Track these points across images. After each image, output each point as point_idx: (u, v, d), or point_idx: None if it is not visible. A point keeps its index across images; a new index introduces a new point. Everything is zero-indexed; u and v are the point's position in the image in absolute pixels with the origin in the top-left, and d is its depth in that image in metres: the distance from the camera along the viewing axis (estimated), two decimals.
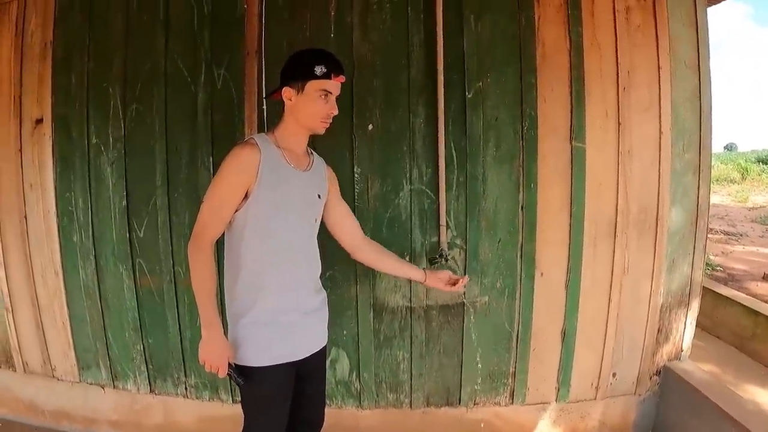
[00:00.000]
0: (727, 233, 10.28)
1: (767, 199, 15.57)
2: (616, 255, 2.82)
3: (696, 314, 3.03)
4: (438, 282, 2.35)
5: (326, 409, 2.27)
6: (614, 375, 2.96)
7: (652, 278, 2.89)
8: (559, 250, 2.78)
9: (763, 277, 6.77)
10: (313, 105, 1.91)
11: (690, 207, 2.91)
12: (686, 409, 2.93)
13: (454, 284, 2.34)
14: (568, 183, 2.75)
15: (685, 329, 3.02)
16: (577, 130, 2.73)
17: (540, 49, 2.74)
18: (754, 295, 5.64)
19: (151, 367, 3.04)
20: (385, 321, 2.84)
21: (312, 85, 1.89)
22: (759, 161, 27.43)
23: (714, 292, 5.06)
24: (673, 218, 2.88)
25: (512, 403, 2.93)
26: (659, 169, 2.82)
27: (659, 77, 2.81)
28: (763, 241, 9.50)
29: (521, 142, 2.73)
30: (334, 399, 2.93)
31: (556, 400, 2.96)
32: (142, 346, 3.01)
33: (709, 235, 9.32)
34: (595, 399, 2.99)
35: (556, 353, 2.89)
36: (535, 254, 2.78)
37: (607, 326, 2.88)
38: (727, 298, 4.89)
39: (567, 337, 2.86)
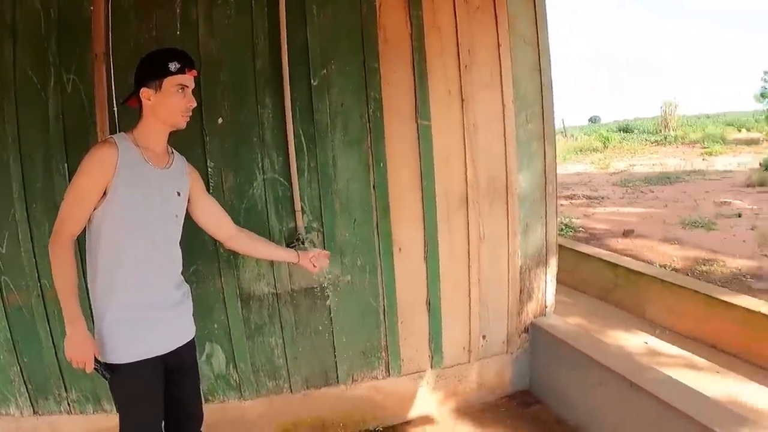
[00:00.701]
0: (589, 197, 10.80)
1: (627, 164, 16.66)
2: (471, 224, 2.95)
3: (555, 272, 3.20)
4: (308, 263, 2.45)
5: (210, 406, 2.33)
6: (484, 337, 3.11)
7: (509, 243, 3.04)
8: (415, 224, 2.90)
9: (623, 234, 7.16)
10: (172, 100, 1.96)
11: (538, 173, 3.07)
12: (556, 360, 3.10)
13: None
14: (417, 160, 2.86)
15: (547, 287, 3.18)
16: (421, 109, 2.84)
17: (382, 34, 2.83)
18: (615, 251, 6.11)
19: (30, 387, 3.00)
20: (254, 310, 2.90)
21: (169, 82, 1.95)
22: (620, 130, 29.11)
23: (577, 251, 5.48)
24: (523, 185, 3.03)
25: (389, 375, 3.03)
26: (505, 140, 2.97)
27: (499, 54, 2.96)
28: (623, 202, 10.07)
29: (368, 125, 2.82)
30: (215, 394, 2.95)
31: (431, 368, 3.09)
32: (18, 367, 2.96)
33: (571, 201, 9.76)
34: (470, 362, 3.13)
35: (424, 323, 3.01)
36: (391, 231, 2.88)
37: (470, 292, 3.02)
38: (589, 255, 5.31)
39: (433, 306, 2.99)
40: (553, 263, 3.18)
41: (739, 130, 23.83)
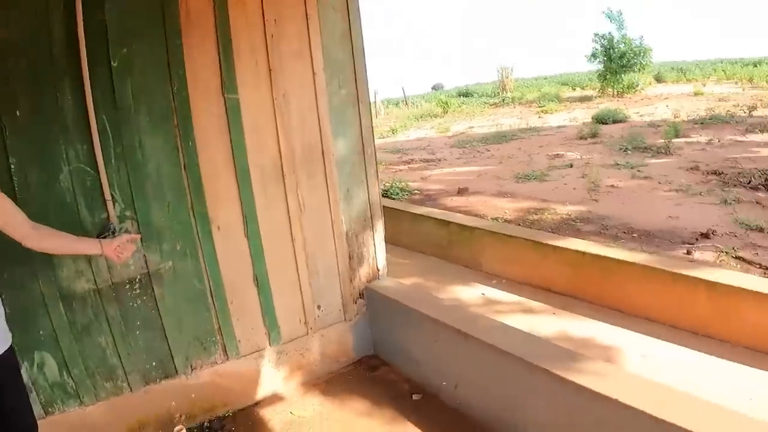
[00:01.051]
0: (427, 161, 11.40)
1: (466, 126, 17.67)
2: (289, 196, 3.07)
3: (383, 234, 3.36)
4: (112, 252, 2.39)
5: (52, 419, 2.28)
6: (319, 307, 3.21)
7: (331, 210, 3.17)
8: (231, 201, 2.99)
9: (458, 192, 7.68)
10: None
11: (355, 138, 3.23)
12: (394, 321, 3.28)
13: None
14: (226, 135, 2.90)
15: (377, 250, 3.33)
16: (228, 83, 2.95)
17: (184, 9, 2.87)
18: (449, 209, 6.52)
19: None
20: (78, 310, 2.85)
21: None
22: (460, 95, 31.08)
23: (411, 213, 5.83)
24: (340, 151, 3.17)
25: (228, 358, 3.04)
26: (317, 108, 3.12)
27: (308, 24, 3.15)
28: (459, 162, 10.73)
29: (173, 104, 2.88)
30: (55, 405, 2.86)
31: (270, 345, 3.17)
32: None
33: (409, 165, 10.32)
34: (308, 334, 3.25)
35: (255, 301, 3.10)
36: (207, 211, 2.96)
37: (297, 264, 3.14)
38: (423, 215, 5.66)
39: (261, 283, 3.08)
40: (379, 226, 3.34)
41: (574, 89, 26.25)
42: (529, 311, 3.98)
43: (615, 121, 13.28)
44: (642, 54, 20.77)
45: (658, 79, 24.74)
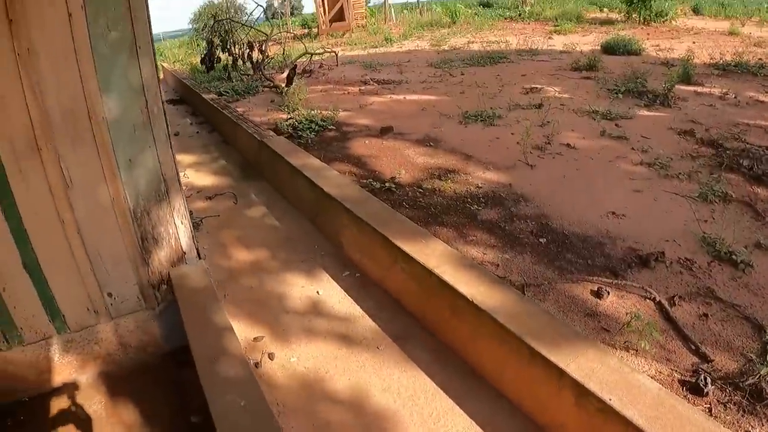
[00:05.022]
0: (384, 82, 9.99)
1: (466, 41, 15.67)
2: (50, 170, 2.65)
3: (185, 212, 2.86)
4: None
5: None
6: (110, 295, 2.85)
7: (107, 183, 2.70)
8: None
9: (380, 132, 6.47)
10: None
11: (133, 93, 2.71)
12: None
13: None
14: None
15: (179, 230, 2.85)
16: None
17: None
18: (352, 156, 5.68)
19: None
20: None
21: None
22: (481, 5, 28.11)
23: (290, 164, 4.93)
24: (114, 111, 2.68)
25: (11, 346, 2.77)
26: (77, 60, 2.52)
27: None
28: (419, 87, 9.24)
29: None
30: None
31: (58, 333, 2.83)
32: None
33: (361, 87, 9.24)
34: (100, 323, 2.85)
35: (29, 287, 2.76)
36: None
37: (71, 247, 2.76)
38: (298, 170, 4.73)
39: (31, 268, 2.72)
40: (178, 202, 2.86)
41: (601, 10, 23.31)
42: (347, 338, 3.12)
43: (626, 53, 11.36)
44: None
45: (696, 11, 21.56)
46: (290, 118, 7.16)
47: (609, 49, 11.74)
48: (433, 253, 3.11)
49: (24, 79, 2.53)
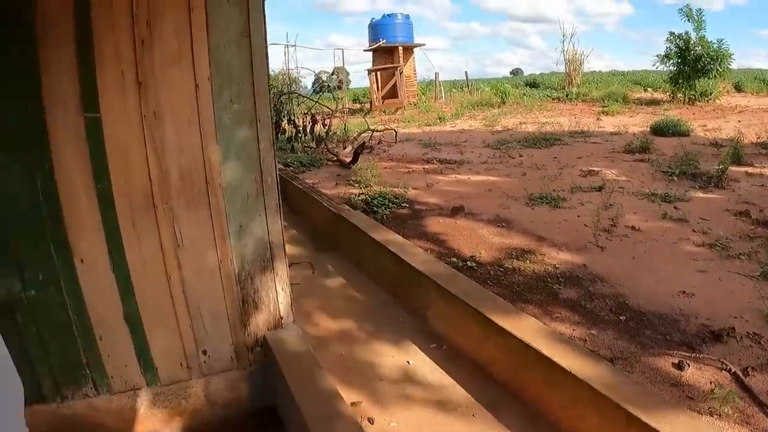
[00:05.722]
0: (447, 162, 10.20)
1: (518, 121, 16.11)
2: (163, 229, 2.79)
3: (286, 279, 2.99)
4: None
5: None
6: (205, 353, 2.94)
7: (217, 247, 2.82)
8: (95, 232, 2.77)
9: (452, 212, 6.58)
10: None
11: (251, 163, 2.87)
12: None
13: None
14: (87, 159, 2.63)
15: (278, 296, 2.98)
16: (88, 99, 2.62)
17: (40, 11, 2.53)
18: (428, 234, 5.77)
19: None
20: None
21: None
22: (527, 85, 29.26)
23: (372, 238, 4.95)
24: (230, 178, 2.82)
25: (99, 393, 2.86)
26: (200, 127, 2.72)
27: (191, 22, 2.71)
28: (481, 168, 9.45)
29: (26, 125, 2.62)
30: None
31: (147, 385, 2.93)
32: None
33: (425, 167, 9.48)
34: (192, 378, 2.94)
35: (126, 338, 2.87)
36: (68, 241, 2.73)
37: (174, 304, 2.88)
38: (380, 244, 4.77)
39: (132, 321, 2.84)
40: (281, 269, 2.97)
41: (645, 90, 24.45)
42: (442, 405, 3.12)
43: (675, 134, 11.62)
44: (720, 59, 18.59)
45: (738, 89, 22.62)
46: (362, 193, 7.38)
47: (659, 130, 11.97)
48: (526, 328, 3.17)
49: (147, 140, 2.72)
